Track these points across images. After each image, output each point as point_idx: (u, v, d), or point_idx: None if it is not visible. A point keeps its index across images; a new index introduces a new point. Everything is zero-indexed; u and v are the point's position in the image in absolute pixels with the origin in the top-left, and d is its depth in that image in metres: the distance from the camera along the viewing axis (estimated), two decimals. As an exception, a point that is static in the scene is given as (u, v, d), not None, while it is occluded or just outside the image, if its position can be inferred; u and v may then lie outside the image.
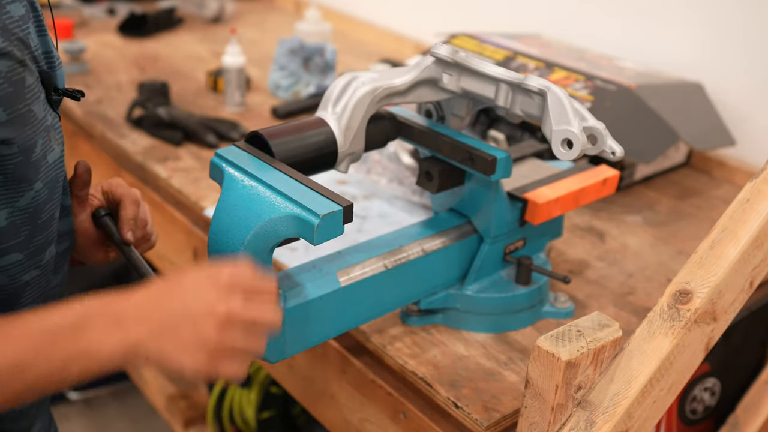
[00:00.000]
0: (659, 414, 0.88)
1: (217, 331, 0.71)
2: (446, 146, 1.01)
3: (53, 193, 0.83)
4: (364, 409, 1.06)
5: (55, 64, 0.83)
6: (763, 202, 0.89)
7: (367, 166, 1.45)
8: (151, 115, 1.61)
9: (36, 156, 0.78)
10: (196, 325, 0.71)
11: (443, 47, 0.97)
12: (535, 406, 0.84)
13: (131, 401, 2.43)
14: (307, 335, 0.93)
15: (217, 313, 0.71)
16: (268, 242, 0.82)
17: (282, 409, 1.82)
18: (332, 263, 0.97)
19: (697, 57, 1.65)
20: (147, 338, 0.70)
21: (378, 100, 0.97)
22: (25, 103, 0.75)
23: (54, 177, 0.83)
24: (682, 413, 1.30)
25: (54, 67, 0.83)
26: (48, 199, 0.82)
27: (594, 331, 0.84)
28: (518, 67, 1.53)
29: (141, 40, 2.19)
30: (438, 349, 1.04)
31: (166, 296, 0.73)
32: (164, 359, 0.71)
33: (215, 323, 0.71)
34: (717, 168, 1.61)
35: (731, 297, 0.89)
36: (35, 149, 0.77)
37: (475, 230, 1.08)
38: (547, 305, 1.12)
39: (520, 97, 0.96)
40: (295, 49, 1.82)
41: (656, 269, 1.26)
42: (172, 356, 0.70)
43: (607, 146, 0.91)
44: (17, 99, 0.74)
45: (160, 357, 0.70)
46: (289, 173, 0.87)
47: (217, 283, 0.73)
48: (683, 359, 0.86)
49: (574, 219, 1.39)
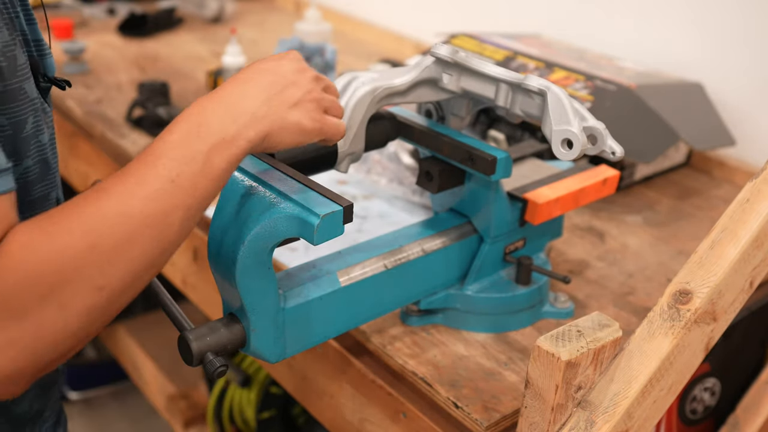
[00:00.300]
0: (659, 414, 0.88)
1: (315, 86, 0.81)
2: (446, 146, 1.01)
3: (45, 174, 0.83)
4: (364, 409, 1.06)
5: (44, 52, 0.84)
6: (763, 202, 0.89)
7: (367, 166, 1.45)
8: (151, 115, 1.61)
9: (26, 132, 0.78)
10: (297, 85, 0.79)
11: (443, 47, 0.97)
12: (535, 406, 0.84)
13: (131, 401, 2.43)
14: (307, 335, 0.93)
15: (309, 72, 0.81)
16: (268, 242, 0.82)
17: (282, 409, 1.82)
18: (332, 263, 0.97)
19: (697, 57, 1.65)
20: (260, 108, 0.75)
21: (378, 100, 0.97)
22: (17, 79, 0.75)
23: (46, 158, 0.83)
24: (682, 413, 1.30)
25: (44, 55, 0.84)
26: (39, 179, 0.82)
27: (594, 331, 0.84)
28: (518, 67, 1.53)
29: (141, 40, 2.19)
30: (438, 349, 1.04)
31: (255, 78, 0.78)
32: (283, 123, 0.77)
33: (311, 79, 0.81)
34: (717, 168, 1.61)
35: (731, 297, 0.89)
36: (26, 126, 0.78)
37: (475, 230, 1.08)
38: (547, 305, 1.12)
39: (520, 97, 0.96)
40: (295, 49, 1.82)
41: (656, 269, 1.26)
42: (290, 118, 0.77)
43: (607, 146, 0.91)
44: (10, 74, 0.74)
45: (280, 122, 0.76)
46: (289, 173, 0.87)
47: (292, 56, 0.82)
48: (683, 359, 0.86)
49: (574, 219, 1.39)
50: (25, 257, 0.62)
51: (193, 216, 0.71)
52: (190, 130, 0.72)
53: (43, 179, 0.83)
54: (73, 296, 0.63)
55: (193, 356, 0.83)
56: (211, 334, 0.84)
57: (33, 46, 0.82)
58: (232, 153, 0.73)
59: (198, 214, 0.72)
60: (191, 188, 0.69)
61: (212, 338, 0.84)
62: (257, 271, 0.83)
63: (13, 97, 0.75)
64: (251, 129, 0.74)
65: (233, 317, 0.87)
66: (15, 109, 0.76)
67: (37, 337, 0.63)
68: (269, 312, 0.87)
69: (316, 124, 0.80)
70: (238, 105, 0.75)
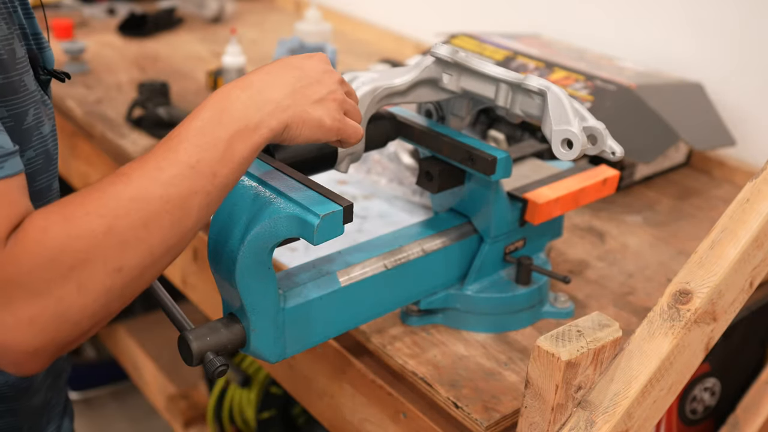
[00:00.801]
0: (659, 414, 0.88)
1: (339, 87, 0.82)
2: (446, 146, 1.01)
3: (48, 165, 0.84)
4: (364, 409, 1.06)
5: (43, 45, 0.85)
6: (763, 202, 0.89)
7: (367, 166, 1.45)
8: (151, 115, 1.61)
9: (28, 124, 0.79)
10: (322, 83, 0.80)
11: (443, 47, 0.97)
12: (535, 406, 0.84)
13: (131, 401, 2.43)
14: (307, 335, 0.93)
15: (334, 75, 0.82)
16: (268, 242, 0.82)
17: (282, 409, 1.82)
18: (332, 263, 0.97)
19: (697, 57, 1.65)
20: (284, 99, 0.76)
21: (378, 100, 0.97)
22: (16, 71, 0.76)
23: (48, 150, 0.83)
24: (682, 413, 1.30)
25: (42, 48, 0.85)
26: (42, 170, 0.83)
27: (594, 331, 0.84)
28: (518, 67, 1.53)
29: (141, 40, 2.19)
30: (438, 349, 1.04)
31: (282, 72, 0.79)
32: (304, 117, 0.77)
33: (336, 81, 0.82)
34: (717, 168, 1.61)
35: (731, 297, 0.89)
36: (27, 117, 0.78)
37: (475, 230, 1.08)
38: (547, 305, 1.12)
39: (520, 97, 0.96)
40: (295, 49, 1.82)
41: (656, 269, 1.26)
42: (311, 113, 0.78)
43: (607, 146, 0.91)
44: (10, 67, 0.75)
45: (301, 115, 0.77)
46: (289, 173, 0.87)
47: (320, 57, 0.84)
48: (683, 359, 0.86)
49: (574, 219, 1.39)
50: (44, 240, 0.62)
51: (213, 202, 0.71)
52: (213, 116, 0.72)
53: (47, 170, 0.84)
54: (92, 277, 0.64)
55: (193, 356, 0.83)
56: (211, 334, 0.85)
57: (32, 40, 0.83)
58: (253, 141, 0.73)
59: (218, 201, 0.72)
60: (211, 174, 0.70)
61: (212, 338, 0.84)
62: (257, 271, 0.84)
63: (14, 89, 0.76)
64: (274, 118, 0.75)
65: (233, 317, 0.87)
66: (16, 101, 0.76)
67: (57, 315, 0.63)
68: (269, 312, 0.87)
69: (336, 123, 0.81)
70: (263, 93, 0.75)
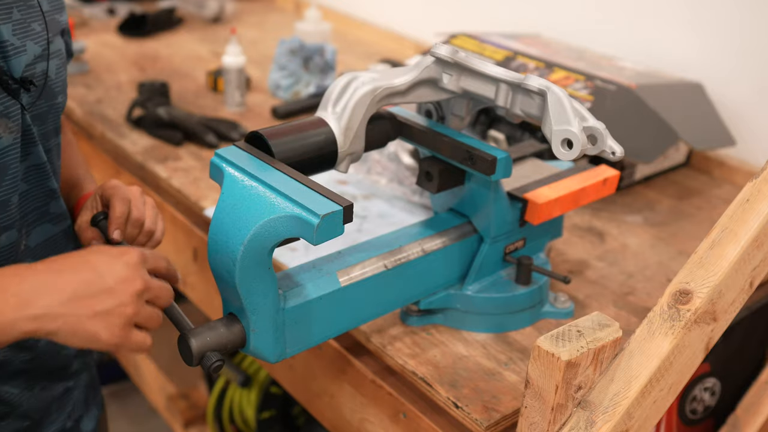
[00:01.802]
0: (659, 414, 0.88)
1: (134, 300, 0.77)
2: (446, 146, 1.01)
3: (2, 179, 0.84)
4: (364, 409, 1.06)
5: (8, 54, 0.84)
6: (763, 202, 0.89)
7: (367, 166, 1.45)
8: (151, 115, 1.61)
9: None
10: (113, 294, 0.75)
11: (443, 47, 0.97)
12: (535, 406, 0.84)
13: (131, 401, 2.43)
14: (307, 335, 0.93)
15: (135, 284, 0.77)
16: (268, 242, 0.82)
17: (282, 409, 1.82)
18: (332, 263, 0.97)
19: (697, 57, 1.65)
20: (57, 306, 0.73)
21: (378, 100, 0.97)
22: None
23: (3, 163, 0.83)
24: (682, 413, 1.30)
25: (8, 57, 0.84)
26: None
27: (594, 331, 0.84)
28: (518, 67, 1.53)
29: (141, 40, 2.19)
30: (438, 349, 1.04)
31: (75, 269, 0.76)
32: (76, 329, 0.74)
33: (133, 293, 0.77)
34: (717, 168, 1.61)
35: (731, 297, 0.89)
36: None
37: (475, 230, 1.08)
38: (547, 305, 1.12)
39: (520, 97, 0.96)
40: (295, 49, 1.82)
41: (656, 269, 1.26)
42: (86, 326, 0.74)
43: (607, 146, 0.91)
44: None
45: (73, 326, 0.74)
46: (289, 173, 0.87)
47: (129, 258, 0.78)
48: (683, 359, 0.86)
49: (574, 219, 1.39)
50: None
51: None
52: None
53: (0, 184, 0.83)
54: None
55: (193, 356, 0.83)
56: (211, 334, 0.85)
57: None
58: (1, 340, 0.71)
59: None
60: None
61: (212, 338, 0.84)
62: (257, 272, 0.84)
63: None
64: (34, 323, 0.72)
65: (233, 317, 0.87)
66: None
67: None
68: (269, 312, 0.87)
69: (115, 339, 0.76)
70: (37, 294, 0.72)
